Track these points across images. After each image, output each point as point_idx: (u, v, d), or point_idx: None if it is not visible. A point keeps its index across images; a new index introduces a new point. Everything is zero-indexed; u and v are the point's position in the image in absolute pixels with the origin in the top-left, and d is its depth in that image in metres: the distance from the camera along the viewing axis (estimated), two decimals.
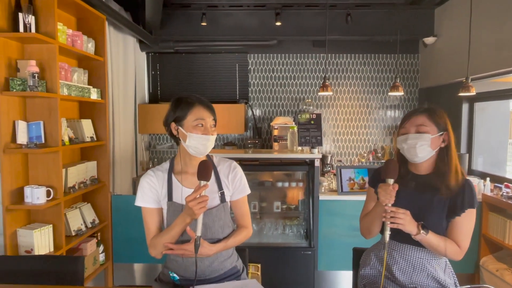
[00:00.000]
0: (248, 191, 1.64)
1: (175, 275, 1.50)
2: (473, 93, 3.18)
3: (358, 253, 1.76)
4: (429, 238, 1.38)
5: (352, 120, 5.20)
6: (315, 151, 3.18)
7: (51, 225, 2.48)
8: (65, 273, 1.56)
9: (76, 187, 2.79)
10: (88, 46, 2.95)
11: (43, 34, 2.36)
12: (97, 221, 3.06)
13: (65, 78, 2.65)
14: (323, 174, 4.10)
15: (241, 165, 1.68)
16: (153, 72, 5.18)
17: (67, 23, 2.77)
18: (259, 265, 3.08)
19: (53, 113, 2.46)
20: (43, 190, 2.37)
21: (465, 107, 4.15)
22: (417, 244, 1.44)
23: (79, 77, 2.89)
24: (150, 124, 4.70)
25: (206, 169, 1.36)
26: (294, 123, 4.48)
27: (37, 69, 2.28)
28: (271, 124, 4.67)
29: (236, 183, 1.60)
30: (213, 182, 1.56)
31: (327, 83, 3.59)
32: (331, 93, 3.70)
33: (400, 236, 1.44)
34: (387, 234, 1.35)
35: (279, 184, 3.45)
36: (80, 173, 2.88)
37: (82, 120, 2.96)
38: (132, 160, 4.33)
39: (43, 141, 2.44)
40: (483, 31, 3.45)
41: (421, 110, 1.49)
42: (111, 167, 3.55)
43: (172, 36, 4.68)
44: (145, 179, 1.56)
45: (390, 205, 1.35)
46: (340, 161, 5.04)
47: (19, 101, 2.40)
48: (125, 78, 4.11)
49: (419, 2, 4.39)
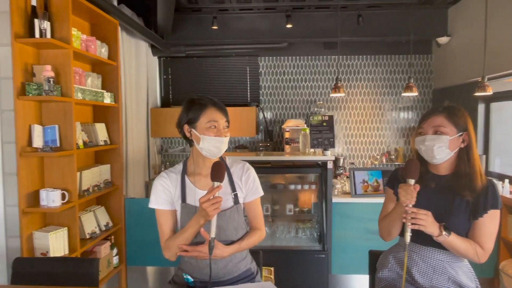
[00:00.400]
0: (261, 192, 1.62)
1: (189, 277, 1.50)
2: (489, 92, 3.11)
3: (374, 256, 1.72)
4: (452, 239, 1.34)
5: (364, 122, 5.14)
6: (328, 153, 3.15)
7: (66, 228, 2.50)
8: (80, 275, 1.57)
9: (90, 190, 2.81)
10: (101, 51, 2.98)
11: (58, 39, 2.40)
12: (110, 224, 3.08)
13: (79, 82, 2.69)
14: (335, 177, 4.06)
15: (253, 167, 1.66)
16: (164, 76, 5.23)
17: (81, 28, 2.82)
18: (272, 269, 3.05)
19: (68, 117, 2.49)
20: (58, 193, 2.40)
21: (481, 107, 4.06)
22: (437, 246, 1.40)
23: (92, 82, 2.93)
24: (162, 128, 4.74)
25: (219, 170, 1.35)
26: (305, 125, 4.46)
27: (52, 74, 2.32)
28: (282, 126, 4.66)
29: (249, 184, 1.59)
30: (226, 184, 1.55)
31: (339, 84, 3.56)
32: (343, 94, 3.67)
33: (420, 238, 1.41)
34: (408, 235, 1.32)
35: (292, 187, 3.42)
36: (94, 176, 2.90)
37: (96, 124, 2.99)
38: (144, 163, 4.36)
39: (58, 145, 2.47)
40: (499, 29, 3.38)
41: (439, 109, 1.45)
42: (124, 170, 3.58)
43: (183, 40, 4.72)
44: (158, 181, 1.56)
45: (411, 205, 1.32)
46: (352, 163, 4.99)
47: (35, 106, 2.44)
48: (137, 82, 4.15)
49: (432, 2, 4.34)
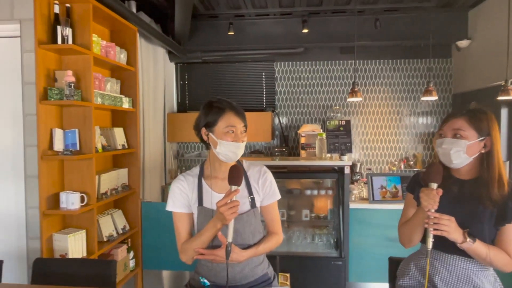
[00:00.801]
0: (279, 196, 1.61)
1: (205, 280, 1.49)
2: None
3: (394, 263, 1.68)
4: (477, 247, 1.29)
5: (381, 127, 5.06)
6: (345, 158, 3.11)
7: (84, 230, 2.54)
8: (98, 277, 1.58)
9: (108, 193, 2.85)
10: (120, 57, 3.04)
11: (79, 45, 2.46)
12: (127, 227, 3.11)
13: (98, 87, 2.74)
14: (352, 183, 4.00)
15: None
16: (181, 82, 5.29)
17: (101, 35, 2.88)
18: (288, 275, 3.01)
19: (87, 121, 2.54)
20: (77, 196, 2.44)
21: (504, 112, 3.93)
22: (461, 253, 1.35)
23: (112, 87, 2.98)
24: (178, 133, 4.78)
25: (237, 174, 1.34)
26: (321, 130, 4.42)
27: (73, 79, 2.37)
28: (298, 132, 4.63)
29: (266, 188, 1.58)
30: (243, 187, 1.54)
31: (356, 88, 3.52)
32: (360, 98, 3.62)
33: (443, 245, 1.36)
34: (430, 241, 1.27)
35: (308, 192, 3.39)
36: (112, 180, 2.94)
37: (114, 128, 3.04)
38: (161, 168, 4.40)
39: (78, 148, 2.52)
40: None
41: (462, 112, 1.40)
42: (141, 174, 3.62)
43: (200, 46, 4.77)
44: (175, 184, 1.56)
45: (433, 210, 1.28)
46: (369, 169, 4.91)
47: (56, 110, 2.50)
48: (155, 87, 4.21)
49: (451, 5, 4.26)
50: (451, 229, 1.27)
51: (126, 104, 3.08)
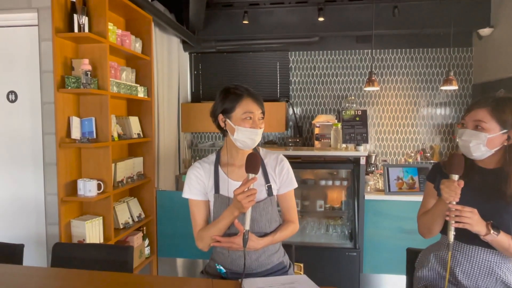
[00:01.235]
0: (295, 185, 1.59)
1: (221, 267, 1.49)
2: None
3: (412, 254, 1.65)
4: (501, 238, 1.25)
5: (398, 118, 4.97)
6: (361, 148, 3.06)
7: (101, 217, 2.58)
8: (115, 262, 1.60)
9: (124, 181, 2.89)
10: (135, 46, 3.04)
11: (95, 34, 2.47)
12: (143, 215, 3.15)
13: (114, 76, 2.75)
14: (366, 174, 3.95)
15: None
16: (195, 72, 5.29)
17: (116, 23, 2.88)
18: (301, 265, 3.01)
19: (104, 109, 2.56)
20: (94, 183, 2.47)
21: None
22: (484, 245, 1.31)
23: (127, 76, 2.99)
24: (192, 123, 4.80)
25: (254, 162, 1.33)
26: (336, 121, 4.36)
27: (90, 67, 2.39)
28: (312, 122, 4.58)
29: (283, 176, 1.56)
30: (260, 175, 1.52)
31: (373, 77, 3.45)
32: (377, 88, 3.56)
33: (465, 236, 1.32)
34: (452, 234, 1.24)
35: (322, 183, 3.35)
36: (128, 168, 2.97)
37: (129, 117, 3.06)
38: (175, 157, 4.43)
39: (94, 137, 2.54)
40: None
41: (486, 102, 1.33)
42: (156, 163, 3.64)
43: (214, 36, 4.74)
44: (192, 171, 1.56)
45: (454, 203, 1.24)
46: (385, 161, 4.84)
47: (73, 98, 2.52)
48: (169, 77, 4.22)
49: None
50: (473, 221, 1.23)
51: (141, 93, 3.09)
